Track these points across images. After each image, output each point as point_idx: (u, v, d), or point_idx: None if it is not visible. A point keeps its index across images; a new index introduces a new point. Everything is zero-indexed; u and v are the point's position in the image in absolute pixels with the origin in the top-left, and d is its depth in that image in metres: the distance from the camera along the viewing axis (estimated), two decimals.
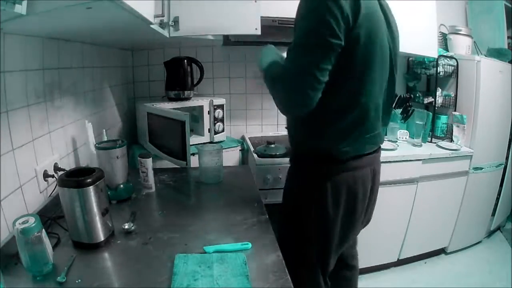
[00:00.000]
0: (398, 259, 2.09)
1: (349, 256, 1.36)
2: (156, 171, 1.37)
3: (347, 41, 0.88)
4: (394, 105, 1.45)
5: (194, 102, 1.91)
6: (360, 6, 0.87)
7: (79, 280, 0.75)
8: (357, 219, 1.10)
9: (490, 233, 2.53)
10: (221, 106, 1.94)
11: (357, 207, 1.06)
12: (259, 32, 1.57)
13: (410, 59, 2.40)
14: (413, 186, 1.91)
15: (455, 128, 2.14)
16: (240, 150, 2.00)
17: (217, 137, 1.97)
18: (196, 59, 1.98)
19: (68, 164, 1.22)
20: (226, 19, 1.55)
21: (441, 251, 2.28)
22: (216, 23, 1.56)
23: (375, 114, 1.02)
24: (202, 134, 1.94)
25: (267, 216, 1.06)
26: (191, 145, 1.46)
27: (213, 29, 1.58)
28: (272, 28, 1.63)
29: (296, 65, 0.89)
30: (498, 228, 2.63)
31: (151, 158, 1.25)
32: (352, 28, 0.88)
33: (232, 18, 1.56)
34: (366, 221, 1.22)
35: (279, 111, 0.99)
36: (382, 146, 1.18)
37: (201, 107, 1.91)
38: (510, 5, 2.39)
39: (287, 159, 1.68)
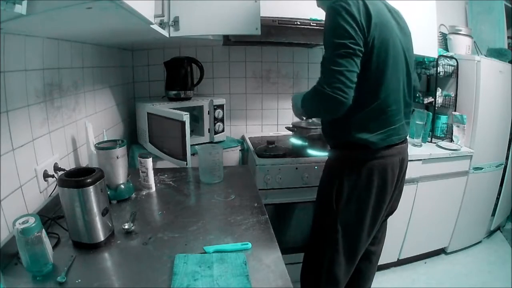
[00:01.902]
0: (398, 259, 2.09)
1: (370, 252, 1.37)
2: (156, 171, 1.37)
3: (364, 47, 1.04)
4: None
5: (194, 102, 1.91)
6: (371, 17, 1.04)
7: (79, 280, 0.75)
8: (385, 203, 1.21)
9: (490, 233, 2.53)
10: (221, 106, 1.94)
11: (386, 192, 1.19)
12: (259, 32, 1.57)
13: None
14: (413, 186, 1.91)
15: (455, 128, 2.14)
16: (240, 150, 2.00)
17: (217, 137, 1.97)
18: (196, 59, 1.98)
19: (68, 164, 1.22)
20: (226, 19, 1.55)
21: (441, 251, 2.28)
22: (216, 23, 1.56)
23: (395, 108, 1.15)
24: (202, 134, 1.94)
25: (267, 216, 1.06)
26: (191, 145, 1.46)
27: (213, 29, 1.58)
28: (272, 28, 1.63)
29: (329, 75, 1.03)
30: (498, 228, 2.63)
31: (151, 158, 1.25)
32: (367, 37, 1.04)
33: (232, 18, 1.56)
34: (391, 208, 1.32)
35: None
36: None
37: (201, 107, 1.91)
38: (510, 5, 2.39)
39: (287, 159, 1.71)
